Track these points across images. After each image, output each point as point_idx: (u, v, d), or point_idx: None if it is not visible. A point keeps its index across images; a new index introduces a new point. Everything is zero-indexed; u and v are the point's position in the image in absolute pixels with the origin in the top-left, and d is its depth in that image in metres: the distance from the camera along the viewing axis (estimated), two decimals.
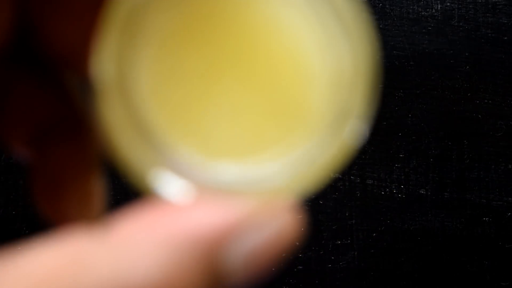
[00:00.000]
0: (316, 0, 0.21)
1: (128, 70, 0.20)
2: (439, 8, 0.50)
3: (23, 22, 0.22)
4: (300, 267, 0.25)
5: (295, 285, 0.49)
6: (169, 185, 0.19)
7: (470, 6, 0.50)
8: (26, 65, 0.24)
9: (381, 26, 0.50)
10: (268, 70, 0.21)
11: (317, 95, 0.21)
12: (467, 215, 0.49)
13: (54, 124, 0.24)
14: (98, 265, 0.15)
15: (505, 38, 0.49)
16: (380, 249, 0.49)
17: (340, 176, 0.44)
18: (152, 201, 0.18)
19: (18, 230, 0.49)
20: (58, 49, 0.22)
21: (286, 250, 0.17)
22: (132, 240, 0.16)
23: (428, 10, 0.50)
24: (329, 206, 0.28)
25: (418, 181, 0.49)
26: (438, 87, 0.49)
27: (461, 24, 0.50)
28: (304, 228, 0.18)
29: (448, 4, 0.50)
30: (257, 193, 0.19)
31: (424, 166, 0.49)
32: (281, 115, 0.21)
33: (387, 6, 0.50)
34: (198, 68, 0.21)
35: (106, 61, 0.19)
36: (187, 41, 0.21)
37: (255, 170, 0.20)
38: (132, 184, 0.19)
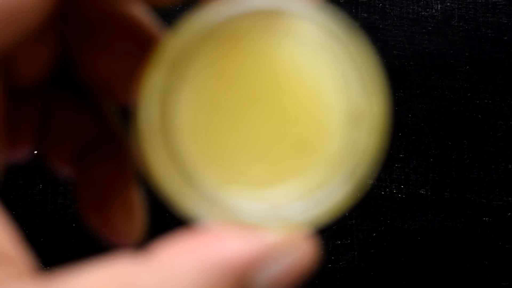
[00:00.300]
0: (332, 44, 0.23)
1: (169, 110, 0.23)
2: (439, 8, 0.50)
3: (64, 55, 0.25)
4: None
5: (295, 285, 0.49)
6: (205, 217, 0.21)
7: (470, 6, 0.50)
8: (67, 90, 0.26)
9: (381, 26, 0.50)
10: (291, 109, 0.24)
11: (335, 133, 0.24)
12: (467, 215, 0.49)
13: (94, 142, 0.27)
14: (142, 286, 0.17)
15: (505, 38, 0.50)
16: (380, 249, 0.49)
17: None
18: (190, 229, 0.20)
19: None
20: (95, 80, 0.25)
21: (305, 274, 0.20)
22: (173, 264, 0.18)
23: (428, 10, 0.50)
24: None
25: (418, 181, 0.49)
26: (438, 87, 0.49)
27: (461, 24, 0.50)
28: (319, 253, 0.21)
29: (448, 4, 0.50)
30: (280, 227, 0.21)
31: (424, 166, 0.49)
32: (303, 152, 0.24)
33: (387, 6, 0.50)
34: (230, 109, 0.24)
35: (151, 103, 0.22)
36: (222, 84, 0.24)
37: (279, 207, 0.22)
38: (173, 211, 0.22)
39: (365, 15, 0.50)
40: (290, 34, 0.24)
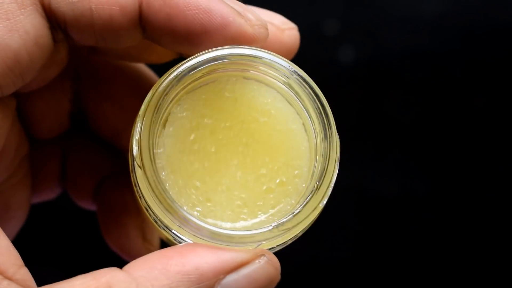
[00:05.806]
0: (297, 92, 0.27)
1: (154, 153, 0.26)
2: (434, 7, 0.50)
3: (79, 109, 0.28)
4: (296, 265, 0.26)
5: (292, 284, 0.49)
6: (183, 237, 0.26)
7: (465, 6, 0.50)
8: (84, 136, 0.30)
9: (376, 26, 0.50)
10: (264, 149, 0.28)
11: (303, 169, 0.28)
12: (465, 213, 0.49)
13: (110, 173, 0.30)
14: (121, 281, 0.21)
15: (498, 37, 0.50)
16: (377, 248, 0.49)
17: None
18: (172, 246, 0.25)
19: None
20: (105, 130, 0.29)
21: (271, 282, 0.25)
22: (146, 269, 0.22)
23: (423, 10, 0.50)
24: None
25: (415, 179, 0.49)
26: (433, 86, 0.50)
27: (456, 23, 0.50)
28: (279, 266, 0.25)
29: (443, 4, 0.50)
30: (249, 245, 0.25)
31: (421, 165, 0.50)
32: (274, 187, 0.28)
33: (382, 6, 0.50)
34: (208, 149, 0.27)
35: (137, 149, 0.26)
36: (200, 127, 0.27)
37: (249, 231, 0.26)
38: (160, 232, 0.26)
39: (360, 14, 0.51)
40: (261, 82, 0.28)
